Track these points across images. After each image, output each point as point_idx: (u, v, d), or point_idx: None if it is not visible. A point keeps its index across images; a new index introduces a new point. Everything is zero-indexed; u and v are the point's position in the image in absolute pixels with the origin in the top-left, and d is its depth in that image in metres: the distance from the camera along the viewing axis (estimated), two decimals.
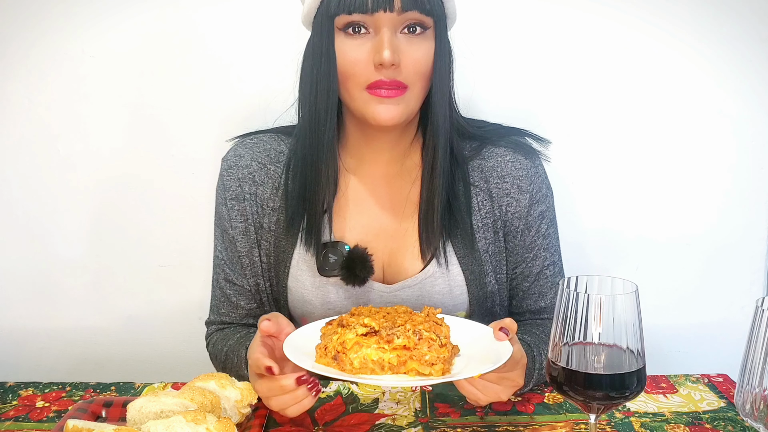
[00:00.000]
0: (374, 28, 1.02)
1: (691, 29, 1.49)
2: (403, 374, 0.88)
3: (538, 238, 1.18)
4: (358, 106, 1.06)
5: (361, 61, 1.02)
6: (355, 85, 1.04)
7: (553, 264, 1.21)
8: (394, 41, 1.01)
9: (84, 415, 0.99)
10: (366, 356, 0.88)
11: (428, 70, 1.05)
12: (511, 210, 1.17)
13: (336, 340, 0.89)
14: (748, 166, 1.56)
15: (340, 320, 0.93)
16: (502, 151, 1.18)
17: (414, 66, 1.03)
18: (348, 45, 1.03)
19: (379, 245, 1.16)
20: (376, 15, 1.00)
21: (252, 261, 1.19)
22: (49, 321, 1.61)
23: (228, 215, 1.18)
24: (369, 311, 0.95)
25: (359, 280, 1.12)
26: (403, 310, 0.96)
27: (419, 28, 1.03)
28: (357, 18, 1.01)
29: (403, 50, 1.02)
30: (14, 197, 1.55)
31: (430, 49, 1.04)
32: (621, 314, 0.78)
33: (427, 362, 0.87)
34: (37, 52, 1.48)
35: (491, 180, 1.17)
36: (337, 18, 1.02)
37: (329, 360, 0.89)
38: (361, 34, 1.02)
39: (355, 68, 1.03)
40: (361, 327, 0.89)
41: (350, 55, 1.03)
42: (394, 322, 0.91)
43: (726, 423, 1.02)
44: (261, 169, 1.18)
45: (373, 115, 1.04)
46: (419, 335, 0.88)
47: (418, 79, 1.05)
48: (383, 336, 0.88)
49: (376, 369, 0.88)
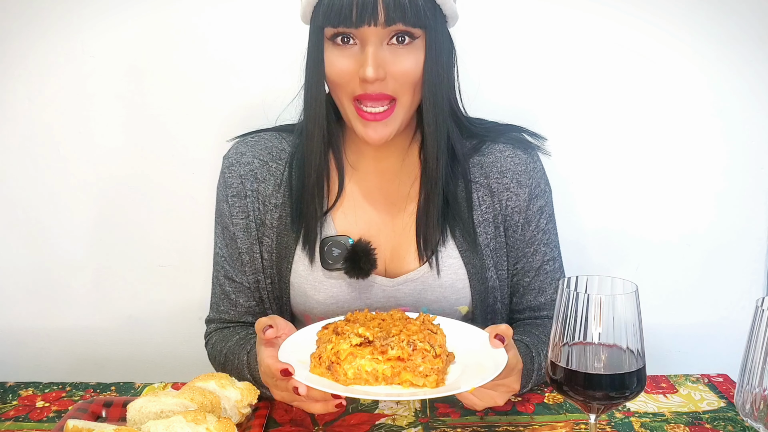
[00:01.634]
0: (360, 41, 1.02)
1: (690, 29, 1.49)
2: (397, 385, 0.88)
3: (537, 232, 1.19)
4: (348, 118, 1.08)
5: (348, 72, 1.03)
6: (344, 95, 1.05)
7: (553, 259, 1.21)
8: (380, 55, 1.01)
9: (84, 415, 0.99)
10: (360, 367, 0.88)
11: (417, 80, 1.05)
12: (511, 204, 1.17)
13: (330, 349, 0.89)
14: (748, 166, 1.56)
15: (335, 327, 0.93)
16: (502, 147, 1.18)
17: (402, 77, 1.03)
18: (335, 55, 1.03)
19: (381, 240, 1.16)
20: (361, 29, 1.00)
21: (252, 258, 1.19)
22: (50, 321, 1.61)
23: (229, 212, 1.18)
24: (365, 317, 0.95)
25: (363, 273, 1.12)
26: (399, 316, 0.96)
27: (407, 38, 1.02)
28: (343, 31, 1.01)
29: (389, 62, 1.02)
30: (14, 197, 1.56)
31: (419, 58, 1.04)
32: (621, 314, 0.78)
33: (421, 373, 0.87)
34: (37, 52, 1.48)
35: (491, 175, 1.17)
36: (326, 29, 1.03)
37: (323, 370, 0.89)
38: (348, 45, 1.02)
39: (341, 79, 1.04)
40: (356, 337, 0.89)
41: (337, 65, 1.03)
42: (388, 331, 0.91)
43: (726, 423, 1.02)
44: (263, 166, 1.18)
45: (362, 135, 1.06)
46: (413, 346, 0.88)
47: (407, 90, 1.05)
48: (377, 347, 0.88)
49: (370, 380, 0.88)
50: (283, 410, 1.06)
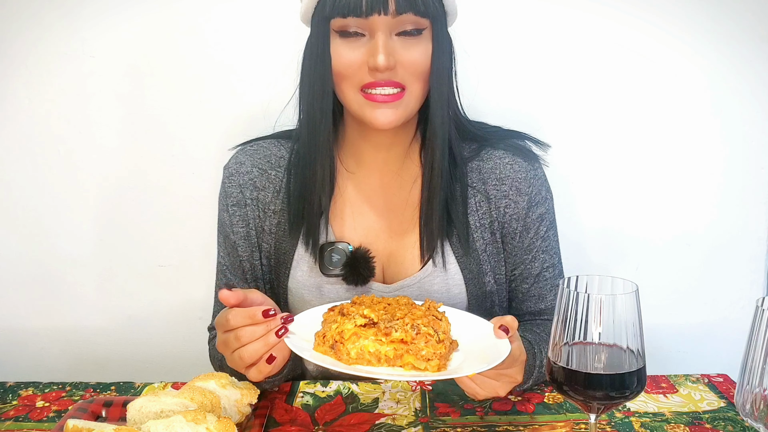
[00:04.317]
0: (369, 31, 1.02)
1: (689, 29, 1.49)
2: (399, 367, 0.88)
3: (536, 240, 1.18)
4: (355, 109, 1.06)
5: (356, 63, 1.02)
6: (350, 87, 1.04)
7: (553, 266, 1.21)
8: (389, 44, 1.01)
9: (84, 415, 0.99)
10: (363, 347, 0.88)
11: (426, 71, 1.05)
12: (509, 212, 1.17)
13: (335, 329, 0.89)
14: (748, 166, 1.56)
15: (341, 308, 0.94)
16: (501, 153, 1.18)
17: (411, 68, 1.03)
18: (343, 47, 1.03)
19: (379, 245, 1.16)
20: (370, 18, 0.99)
21: (252, 265, 1.19)
22: (50, 321, 1.61)
23: (230, 221, 1.19)
24: (371, 301, 0.96)
25: (362, 279, 1.13)
26: (405, 301, 0.96)
27: (415, 30, 1.02)
28: (352, 21, 1.01)
29: (399, 52, 1.02)
30: (14, 197, 1.56)
31: (428, 49, 1.04)
32: (621, 314, 0.78)
33: (423, 357, 0.87)
34: (38, 53, 1.48)
35: (489, 182, 1.17)
36: (333, 20, 1.02)
37: (327, 348, 0.89)
38: (356, 37, 1.02)
39: (349, 70, 1.03)
40: (360, 318, 0.90)
41: (345, 57, 1.03)
42: (393, 314, 0.91)
43: (726, 423, 1.02)
44: (262, 174, 1.18)
45: (371, 119, 1.05)
46: (417, 330, 0.88)
47: (416, 80, 1.05)
48: (381, 328, 0.89)
49: (373, 360, 0.89)
50: (283, 410, 1.06)
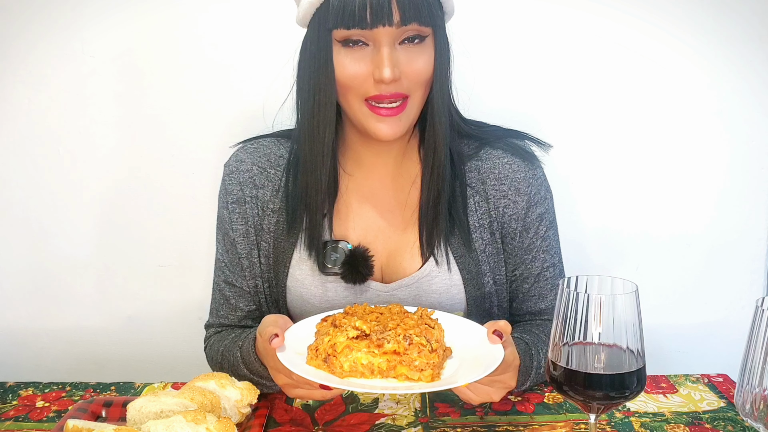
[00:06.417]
0: (373, 42, 1.01)
1: (690, 29, 1.49)
2: (393, 378, 0.89)
3: (536, 240, 1.18)
4: (359, 119, 1.06)
5: (361, 74, 1.02)
6: (355, 97, 1.04)
7: (553, 266, 1.20)
8: (394, 55, 1.00)
9: (84, 415, 0.99)
10: (356, 360, 0.88)
11: (429, 78, 1.05)
12: (509, 212, 1.16)
13: (327, 342, 0.89)
14: (748, 165, 1.56)
15: (333, 320, 0.93)
16: (500, 153, 1.17)
17: (415, 76, 1.03)
18: (347, 58, 1.02)
19: (378, 245, 1.16)
20: (375, 30, 0.99)
21: (251, 262, 1.19)
22: (50, 321, 1.61)
23: (229, 218, 1.19)
24: (363, 311, 0.95)
25: (360, 278, 1.13)
26: (397, 310, 0.96)
27: (418, 38, 1.02)
28: (356, 33, 1.00)
29: (403, 62, 1.01)
30: (14, 197, 1.56)
31: (430, 57, 1.04)
32: (621, 314, 0.78)
33: (416, 368, 0.87)
34: (37, 53, 1.48)
35: (488, 182, 1.17)
36: (335, 31, 1.01)
37: (320, 362, 0.89)
38: (359, 47, 1.02)
39: (353, 82, 1.03)
40: (353, 330, 0.89)
41: (349, 69, 1.02)
42: (385, 325, 0.91)
43: (726, 423, 1.02)
44: (261, 173, 1.18)
45: (375, 131, 1.05)
46: (409, 340, 0.88)
47: (419, 87, 1.05)
48: (373, 340, 0.88)
49: (366, 373, 0.89)
50: (283, 410, 1.06)
